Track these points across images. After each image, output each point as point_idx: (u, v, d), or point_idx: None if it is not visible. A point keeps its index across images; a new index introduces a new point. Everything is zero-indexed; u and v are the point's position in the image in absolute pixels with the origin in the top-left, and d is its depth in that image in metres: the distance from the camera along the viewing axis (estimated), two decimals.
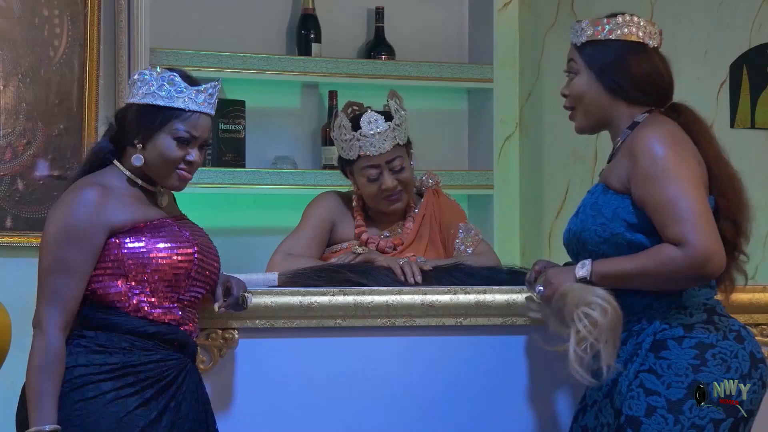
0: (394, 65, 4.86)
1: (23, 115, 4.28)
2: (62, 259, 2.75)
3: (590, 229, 2.89)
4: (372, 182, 3.57)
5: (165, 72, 2.84)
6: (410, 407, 3.17)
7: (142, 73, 2.86)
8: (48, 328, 2.73)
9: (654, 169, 2.79)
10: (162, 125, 2.82)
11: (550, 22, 5.09)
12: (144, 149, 2.83)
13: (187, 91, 2.84)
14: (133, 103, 2.84)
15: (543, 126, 5.13)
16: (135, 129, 2.83)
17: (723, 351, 2.81)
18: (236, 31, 4.74)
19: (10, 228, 4.26)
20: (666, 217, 2.77)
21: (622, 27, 2.93)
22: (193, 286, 2.86)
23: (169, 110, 2.82)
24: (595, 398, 2.92)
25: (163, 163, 2.84)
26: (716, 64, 4.67)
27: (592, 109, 2.96)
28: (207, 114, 2.87)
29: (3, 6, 4.25)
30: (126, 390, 2.75)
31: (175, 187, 2.89)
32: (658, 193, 2.78)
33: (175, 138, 2.83)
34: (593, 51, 2.94)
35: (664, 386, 2.80)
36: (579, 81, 2.97)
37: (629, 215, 2.84)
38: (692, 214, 2.74)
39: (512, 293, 3.18)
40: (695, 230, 2.73)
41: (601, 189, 2.92)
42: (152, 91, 2.82)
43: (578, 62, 2.97)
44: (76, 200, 2.78)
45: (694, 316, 2.85)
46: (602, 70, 2.92)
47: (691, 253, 2.73)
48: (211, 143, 2.89)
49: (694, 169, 2.82)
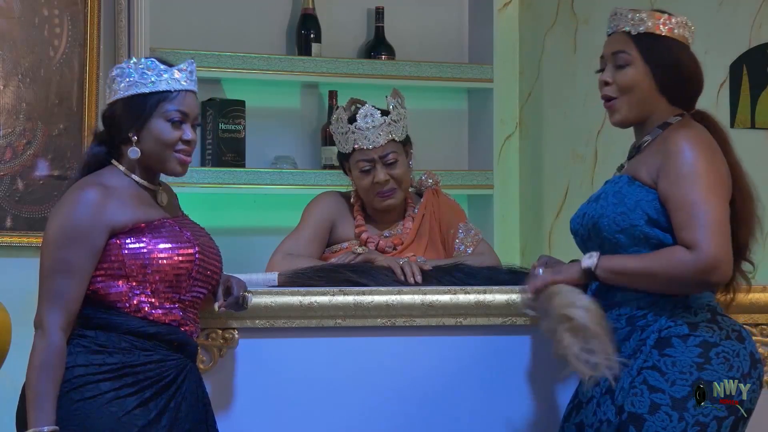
0: (394, 65, 4.86)
1: (23, 115, 4.28)
2: (63, 260, 2.75)
3: (609, 216, 2.88)
4: (364, 174, 3.58)
5: (141, 60, 2.86)
6: (410, 407, 3.17)
7: (119, 67, 2.87)
8: (49, 328, 2.73)
9: (685, 170, 2.80)
10: (152, 110, 2.83)
11: (550, 22, 5.09)
12: (139, 140, 2.84)
13: (168, 72, 2.85)
14: (118, 99, 2.85)
15: (543, 126, 5.13)
16: (127, 122, 2.83)
17: (726, 350, 2.82)
18: (236, 31, 4.74)
19: (10, 228, 4.26)
20: (684, 218, 2.78)
21: (680, 27, 2.91)
22: (194, 286, 2.85)
23: (156, 95, 2.83)
24: (592, 394, 2.92)
25: (161, 147, 2.84)
26: (716, 64, 4.66)
27: (639, 102, 2.92)
28: (192, 91, 2.89)
29: (3, 6, 4.25)
30: (125, 390, 2.74)
31: (177, 172, 2.88)
32: (682, 193, 2.79)
33: (168, 120, 2.84)
34: (652, 45, 2.90)
35: (668, 384, 2.80)
36: (632, 72, 2.91)
37: (651, 209, 2.85)
38: (709, 220, 2.76)
39: (512, 293, 3.18)
40: (708, 236, 2.75)
41: (627, 179, 2.91)
42: (134, 81, 2.83)
43: (632, 53, 2.91)
44: (77, 200, 2.78)
45: (699, 315, 2.86)
46: (659, 66, 2.90)
47: (700, 258, 2.75)
48: (200, 123, 2.90)
49: (722, 176, 2.84)
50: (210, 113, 4.61)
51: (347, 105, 3.67)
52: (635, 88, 2.92)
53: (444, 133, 5.06)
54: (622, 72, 2.92)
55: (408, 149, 3.65)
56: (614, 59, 2.94)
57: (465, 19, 5.12)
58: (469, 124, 5.11)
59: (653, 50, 2.90)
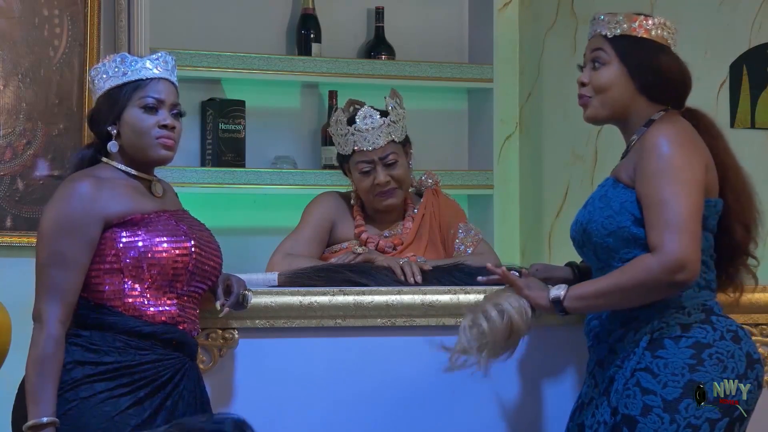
0: (394, 65, 4.86)
1: (23, 115, 4.28)
2: (59, 252, 2.75)
3: (597, 221, 2.89)
4: (365, 176, 3.58)
5: (115, 56, 2.89)
6: (410, 407, 3.17)
7: (95, 68, 2.91)
8: (48, 320, 2.73)
9: (655, 167, 2.80)
10: (127, 100, 2.85)
11: (550, 22, 5.09)
12: (119, 134, 2.85)
13: (140, 62, 2.87)
14: (98, 97, 2.89)
15: (543, 126, 5.13)
16: (105, 116, 2.86)
17: (720, 351, 2.81)
18: (236, 31, 4.74)
19: (10, 228, 4.26)
20: (651, 218, 2.78)
21: (657, 28, 2.92)
22: (192, 281, 2.85)
23: (129, 84, 2.85)
24: (592, 395, 2.92)
25: (139, 134, 2.85)
26: (716, 64, 4.66)
27: (614, 101, 2.93)
28: (167, 80, 2.89)
29: (3, 6, 4.25)
30: (119, 390, 2.74)
31: (162, 156, 2.87)
32: (653, 192, 2.79)
33: (142, 107, 2.85)
34: (628, 45, 2.91)
35: (660, 385, 2.80)
36: (607, 72, 2.92)
37: (635, 209, 2.84)
38: (677, 218, 2.75)
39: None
40: (673, 236, 2.74)
41: (611, 182, 2.92)
42: (110, 76, 2.86)
43: (609, 54, 2.93)
44: (70, 193, 2.79)
45: (692, 315, 2.85)
46: (637, 66, 2.90)
47: (664, 260, 2.74)
48: (185, 112, 2.91)
49: (697, 172, 2.82)
50: (210, 113, 4.61)
51: (346, 106, 3.66)
52: (611, 88, 2.92)
53: (444, 133, 5.06)
54: (599, 73, 2.94)
55: (408, 149, 3.65)
56: (591, 60, 2.96)
57: (465, 19, 5.12)
58: (469, 124, 5.11)
59: (630, 51, 2.91)
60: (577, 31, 4.97)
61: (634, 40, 2.92)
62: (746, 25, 4.71)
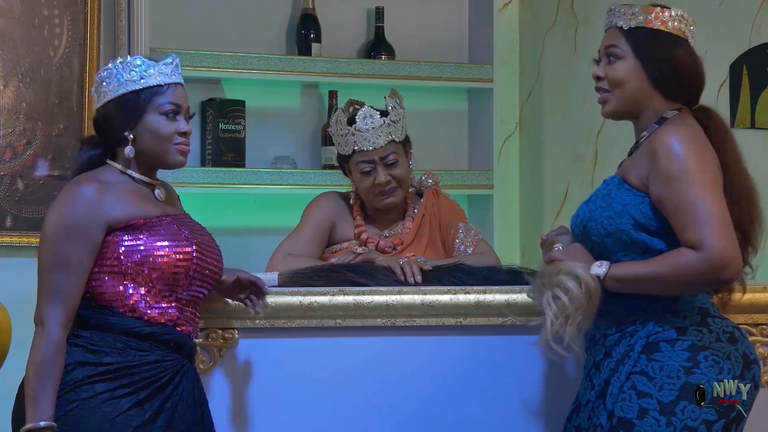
0: (394, 65, 4.86)
1: (23, 115, 4.28)
2: (61, 255, 2.75)
3: (597, 220, 2.88)
4: (365, 176, 3.58)
5: (127, 59, 2.87)
6: (410, 407, 3.17)
7: (106, 69, 2.88)
8: (49, 324, 2.73)
9: (674, 169, 2.78)
10: (146, 106, 2.84)
11: (550, 22, 5.09)
12: (135, 139, 2.84)
13: (155, 67, 2.86)
14: (109, 100, 2.86)
15: (543, 126, 5.13)
16: (121, 121, 2.84)
17: (715, 353, 2.81)
18: (236, 31, 4.74)
19: (10, 228, 4.26)
20: (685, 220, 2.75)
21: (674, 20, 2.90)
22: (192, 285, 2.85)
23: (147, 90, 2.84)
24: (588, 398, 2.92)
25: (159, 141, 2.85)
26: (716, 64, 4.66)
27: (630, 96, 2.91)
28: (180, 84, 2.90)
29: (3, 6, 4.25)
30: (120, 391, 2.74)
31: (179, 162, 2.89)
32: (677, 194, 2.76)
33: (163, 113, 2.85)
34: (643, 39, 2.88)
35: (656, 388, 2.79)
36: (622, 66, 2.90)
37: (637, 213, 2.83)
38: (711, 217, 2.73)
39: (512, 293, 3.19)
40: (714, 234, 2.72)
41: (617, 182, 2.90)
42: (123, 80, 2.84)
43: (623, 47, 2.90)
44: (74, 196, 2.78)
45: (687, 318, 2.84)
46: (651, 60, 2.88)
47: (708, 257, 2.72)
48: (193, 114, 2.92)
49: (714, 172, 2.81)
50: (210, 113, 4.61)
51: (346, 106, 3.67)
52: (626, 82, 2.90)
53: (444, 133, 5.06)
54: (614, 67, 2.91)
55: (408, 149, 3.65)
56: (607, 54, 2.94)
57: (465, 19, 5.12)
58: (469, 124, 5.11)
59: (645, 44, 2.88)
60: (577, 31, 4.97)
61: (649, 32, 2.89)
62: (746, 25, 4.70)
